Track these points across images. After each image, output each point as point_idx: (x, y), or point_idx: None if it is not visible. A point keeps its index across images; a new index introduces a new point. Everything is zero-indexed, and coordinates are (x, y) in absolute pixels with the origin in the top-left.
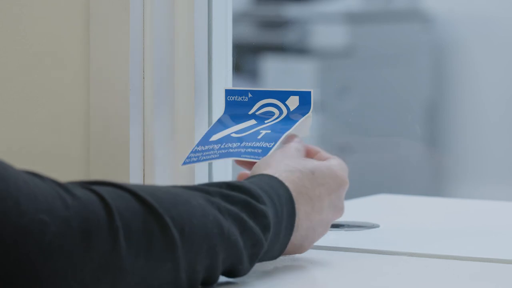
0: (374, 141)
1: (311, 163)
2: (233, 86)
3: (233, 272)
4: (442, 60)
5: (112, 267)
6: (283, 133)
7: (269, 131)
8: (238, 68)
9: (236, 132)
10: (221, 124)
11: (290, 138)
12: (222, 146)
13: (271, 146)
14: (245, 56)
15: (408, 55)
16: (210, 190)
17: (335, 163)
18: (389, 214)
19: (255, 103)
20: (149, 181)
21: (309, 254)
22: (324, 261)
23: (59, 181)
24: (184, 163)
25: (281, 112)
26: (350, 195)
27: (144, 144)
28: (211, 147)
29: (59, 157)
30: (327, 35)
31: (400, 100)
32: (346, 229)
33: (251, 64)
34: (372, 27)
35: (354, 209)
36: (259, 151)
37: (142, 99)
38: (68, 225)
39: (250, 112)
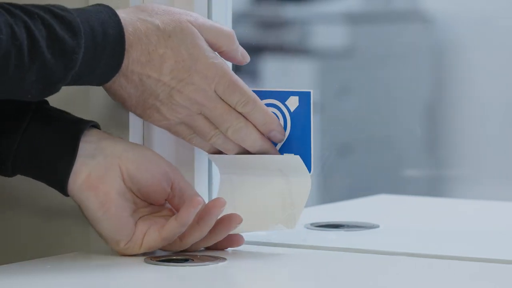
0: (374, 141)
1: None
2: None
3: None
4: (442, 60)
5: None
6: (309, 158)
7: (293, 155)
8: (237, 68)
9: None
10: None
11: None
12: None
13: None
14: None
15: (408, 55)
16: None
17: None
18: (389, 214)
19: None
20: None
21: (309, 253)
22: (324, 261)
23: None
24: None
25: (282, 112)
26: (350, 195)
27: (143, 145)
28: None
29: None
30: (327, 36)
31: (400, 100)
32: (346, 229)
33: (251, 64)
34: (372, 27)
35: (354, 209)
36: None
37: None
38: None
39: None
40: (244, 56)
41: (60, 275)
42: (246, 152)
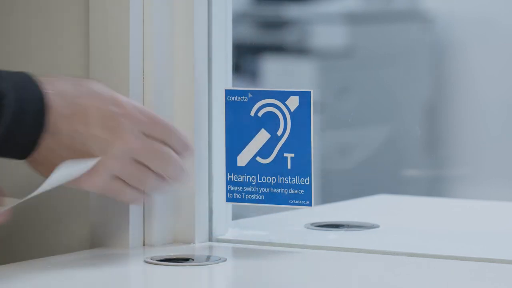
0: (374, 141)
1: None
2: (233, 86)
3: None
4: (442, 60)
5: None
6: (309, 158)
7: (293, 155)
8: (238, 69)
9: (260, 156)
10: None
11: None
12: (259, 181)
13: (308, 183)
14: (245, 56)
15: (408, 55)
16: None
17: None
18: (389, 214)
19: (255, 103)
20: None
21: (309, 253)
22: (324, 261)
23: None
24: (228, 199)
25: (282, 112)
26: (350, 195)
27: None
28: (246, 178)
29: None
30: (327, 36)
31: (400, 100)
32: (346, 229)
33: (251, 64)
34: (372, 27)
35: (354, 209)
36: (302, 192)
37: (142, 100)
38: None
39: (251, 113)
40: None
41: (60, 275)
42: None
